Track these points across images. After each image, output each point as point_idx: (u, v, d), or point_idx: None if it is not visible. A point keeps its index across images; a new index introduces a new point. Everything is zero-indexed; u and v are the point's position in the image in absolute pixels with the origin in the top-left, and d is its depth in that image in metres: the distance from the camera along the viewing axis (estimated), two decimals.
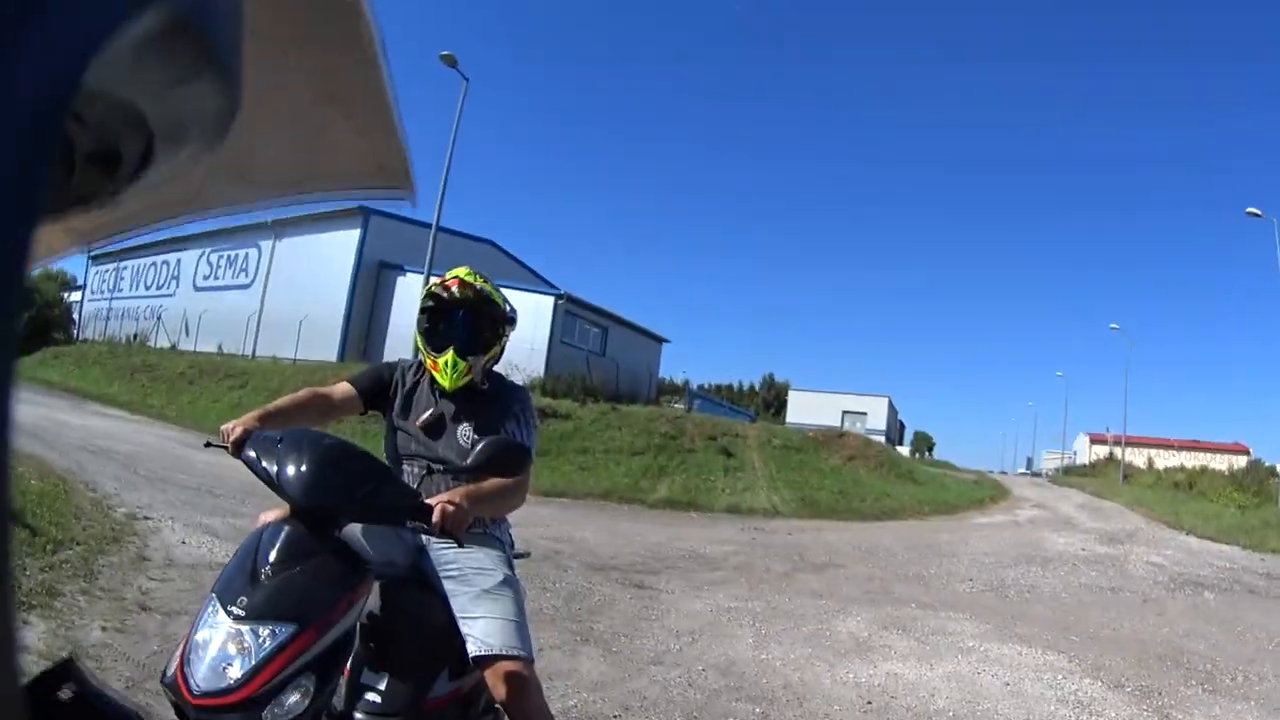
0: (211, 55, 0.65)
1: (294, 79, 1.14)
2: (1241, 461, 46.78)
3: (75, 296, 51.15)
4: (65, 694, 1.07)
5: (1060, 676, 6.75)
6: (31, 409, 18.88)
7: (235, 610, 2.17)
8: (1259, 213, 28.86)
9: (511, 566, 3.26)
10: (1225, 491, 28.92)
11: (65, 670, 1.09)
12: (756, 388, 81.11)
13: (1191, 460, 50.01)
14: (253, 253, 38.76)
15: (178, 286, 42.86)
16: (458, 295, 3.21)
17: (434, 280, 3.34)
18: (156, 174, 0.74)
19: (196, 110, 0.70)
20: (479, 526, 3.18)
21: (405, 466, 3.26)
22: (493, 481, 2.91)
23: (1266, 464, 38.32)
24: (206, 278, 41.42)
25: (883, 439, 48.44)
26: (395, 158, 1.54)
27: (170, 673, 2.15)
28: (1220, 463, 45.32)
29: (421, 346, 3.30)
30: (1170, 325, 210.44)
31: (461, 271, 3.27)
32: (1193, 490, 32.01)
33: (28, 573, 5.49)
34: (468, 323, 3.24)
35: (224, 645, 2.12)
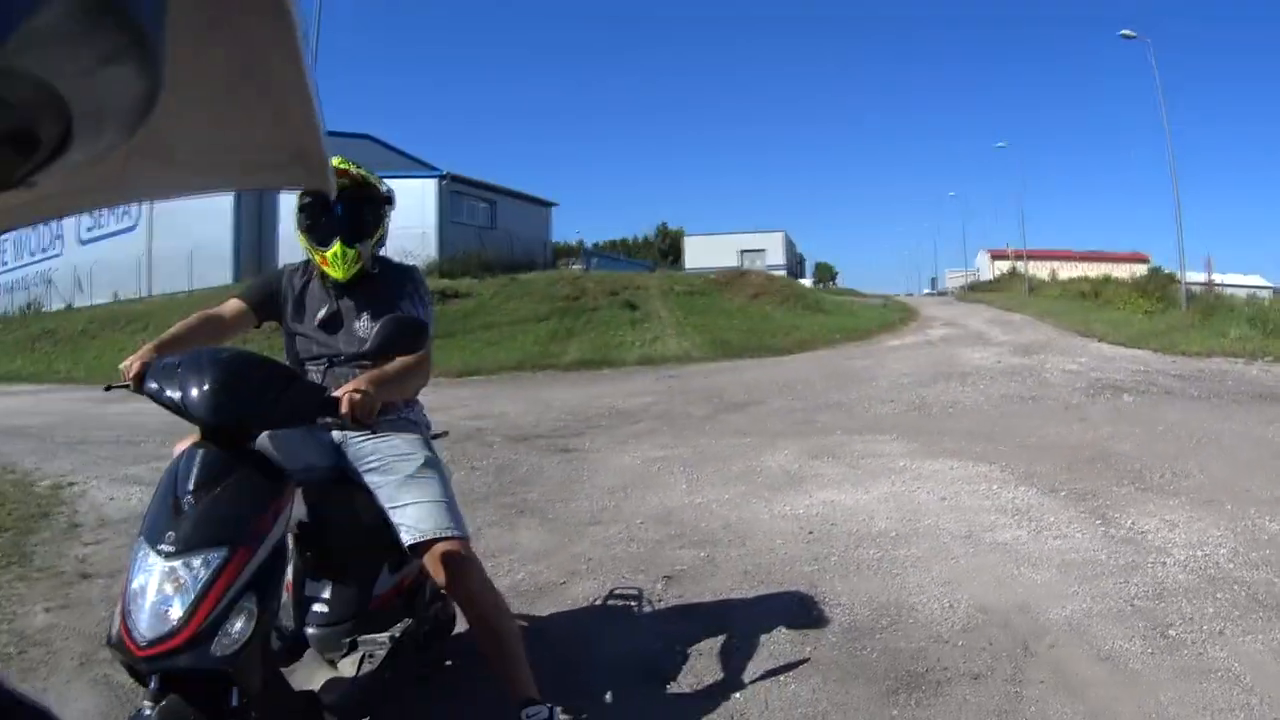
0: (136, 36, 0.62)
1: (215, 62, 1.09)
2: (1142, 269, 48.04)
3: None
4: None
5: (995, 486, 6.77)
6: None
7: (165, 548, 2.13)
8: (1133, 34, 28.92)
9: (431, 448, 3.26)
10: (1131, 299, 29.63)
11: None
12: (651, 239, 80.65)
13: (1094, 270, 51.14)
14: None
15: (63, 245, 41.13)
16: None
17: None
18: (75, 157, 0.71)
19: (118, 92, 0.67)
20: (391, 412, 3.16)
21: (309, 368, 3.21)
22: (395, 362, 2.88)
23: (1166, 270, 39.33)
24: (90, 229, 39.67)
25: (784, 273, 48.68)
26: (313, 148, 1.41)
27: (115, 631, 2.13)
28: (1122, 271, 46.35)
29: (306, 244, 3.23)
30: (1058, 142, 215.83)
31: (335, 161, 3.05)
32: (1099, 299, 32.65)
33: None
34: (348, 211, 3.17)
35: (160, 586, 2.10)
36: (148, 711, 2.07)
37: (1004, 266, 65.96)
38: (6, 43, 0.50)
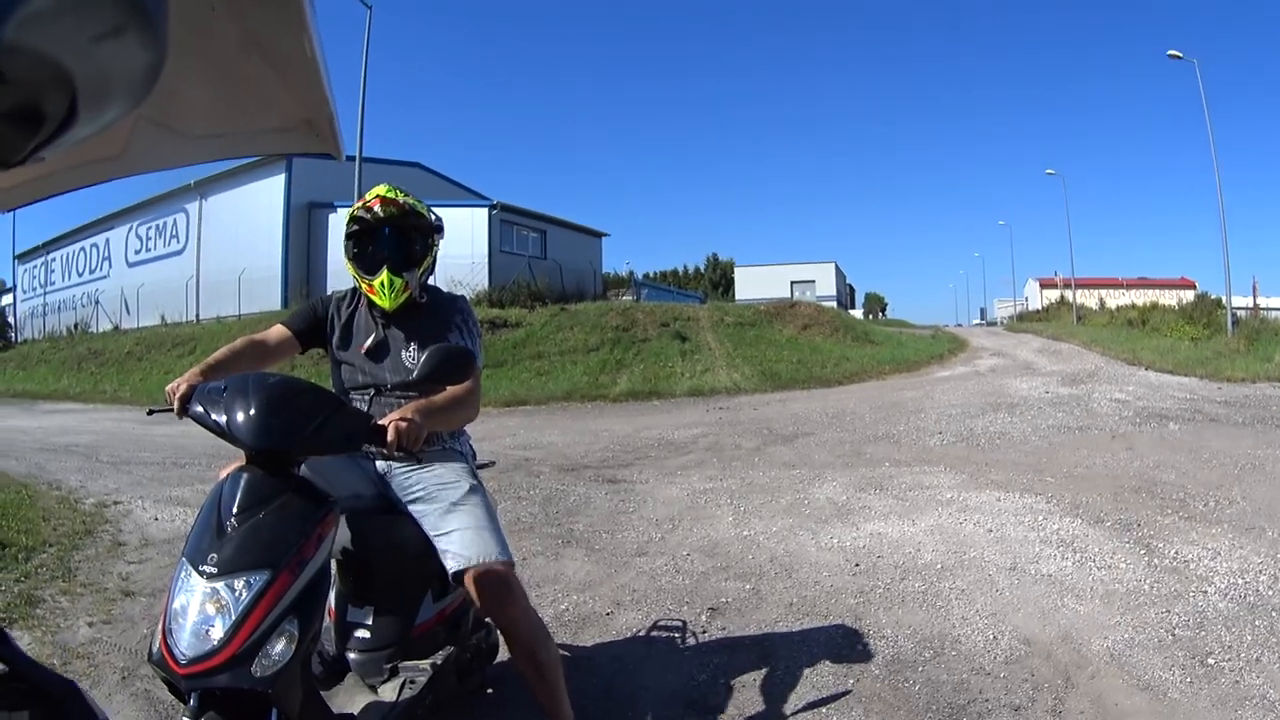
0: (138, 8, 0.63)
1: (220, 30, 1.16)
2: (1189, 295, 47.27)
3: (6, 300, 50.10)
4: None
5: (1040, 518, 6.79)
6: None
7: (207, 569, 2.14)
8: (1180, 54, 28.71)
9: (476, 476, 3.26)
10: (1177, 325, 29.22)
11: None
12: (702, 270, 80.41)
13: (1141, 297, 50.47)
14: (180, 217, 37.87)
15: (110, 267, 41.88)
16: (381, 214, 3.14)
17: (355, 204, 3.25)
18: (81, 131, 0.72)
19: (122, 65, 0.68)
20: (437, 442, 3.20)
21: (355, 396, 3.17)
22: (444, 393, 2.89)
23: (1213, 296, 38.72)
24: (138, 251, 40.48)
25: (834, 304, 48.34)
26: (320, 113, 1.52)
27: (156, 649, 2.14)
28: (1169, 298, 45.67)
29: (354, 272, 3.23)
30: (1106, 167, 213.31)
31: (381, 189, 3.20)
32: (1145, 326, 32.15)
33: (2, 588, 5.27)
34: (396, 239, 3.17)
35: (202, 607, 2.11)
36: None
37: (1053, 295, 64.96)
38: (10, 20, 0.55)
